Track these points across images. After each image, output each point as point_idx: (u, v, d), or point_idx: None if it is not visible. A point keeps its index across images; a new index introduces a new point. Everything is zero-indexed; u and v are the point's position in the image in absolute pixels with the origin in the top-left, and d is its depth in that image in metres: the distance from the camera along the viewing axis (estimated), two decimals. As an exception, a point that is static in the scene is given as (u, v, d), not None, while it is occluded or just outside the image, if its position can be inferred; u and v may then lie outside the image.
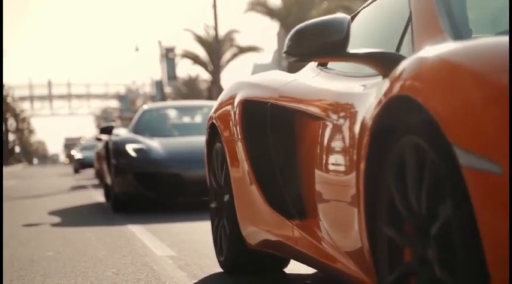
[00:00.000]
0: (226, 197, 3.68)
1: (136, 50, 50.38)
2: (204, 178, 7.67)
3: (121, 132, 9.39)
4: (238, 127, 3.43)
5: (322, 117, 2.74)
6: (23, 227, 7.11)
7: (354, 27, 2.80)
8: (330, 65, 3.19)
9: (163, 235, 5.80)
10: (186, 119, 10.37)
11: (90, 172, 27.69)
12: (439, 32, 2.36)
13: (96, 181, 18.37)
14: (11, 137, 72.97)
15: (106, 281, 3.86)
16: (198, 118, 10.20)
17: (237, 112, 3.47)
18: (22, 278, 4.08)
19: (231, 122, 3.53)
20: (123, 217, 7.76)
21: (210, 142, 4.04)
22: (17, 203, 11.29)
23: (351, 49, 2.48)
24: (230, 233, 3.64)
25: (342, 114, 2.57)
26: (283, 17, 35.86)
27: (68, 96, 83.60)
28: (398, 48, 2.63)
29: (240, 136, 3.42)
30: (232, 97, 3.62)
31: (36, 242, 5.73)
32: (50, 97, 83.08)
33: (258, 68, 72.12)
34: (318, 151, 2.74)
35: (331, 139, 2.64)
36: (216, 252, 3.98)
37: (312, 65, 3.34)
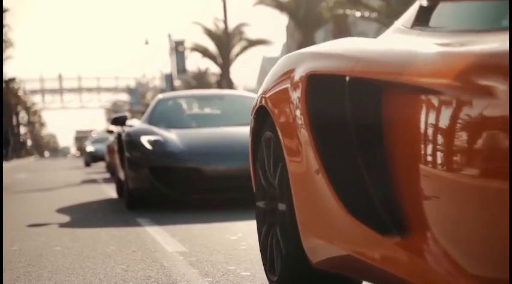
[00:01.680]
0: (282, 201, 2.84)
1: (146, 43, 50.31)
2: (226, 173, 7.44)
3: (135, 123, 8.84)
4: (301, 110, 2.55)
5: (435, 93, 1.92)
6: (32, 221, 7.01)
7: None
8: (434, 21, 2.44)
9: (173, 230, 5.70)
10: (205, 109, 9.63)
11: (101, 165, 27.65)
12: None
13: (107, 175, 18.30)
14: (23, 130, 73.12)
15: (115, 278, 3.75)
16: (217, 109, 9.47)
17: (300, 90, 2.58)
18: (29, 274, 3.98)
19: (290, 104, 2.65)
20: (132, 211, 7.65)
21: (256, 131, 3.23)
22: (26, 196, 11.21)
23: None
24: (287, 246, 2.76)
25: (474, 85, 1.79)
26: (292, 10, 35.68)
27: (79, 90, 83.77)
28: None
29: (304, 122, 2.52)
30: (291, 72, 2.73)
31: (45, 237, 5.63)
32: (60, 90, 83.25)
33: (267, 61, 72.11)
34: (428, 140, 1.94)
35: (453, 123, 1.85)
36: (264, 268, 3.11)
37: (401, 27, 2.60)
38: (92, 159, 30.04)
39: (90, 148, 30.82)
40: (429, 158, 1.93)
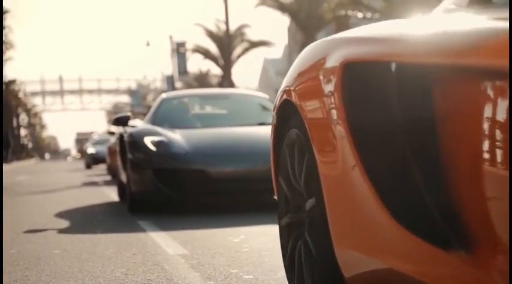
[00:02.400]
0: (310, 202, 2.45)
1: (148, 44, 50.25)
2: (233, 175, 7.17)
3: (137, 123, 8.45)
4: (337, 104, 2.16)
5: (505, 79, 1.59)
6: (31, 224, 6.92)
7: None
8: None
9: (174, 233, 5.60)
10: (210, 109, 9.27)
11: (101, 167, 27.55)
12: None
13: (108, 177, 18.19)
14: (23, 132, 73.08)
15: (115, 281, 3.66)
16: (223, 108, 9.11)
17: (335, 81, 2.19)
18: (27, 278, 3.88)
19: (323, 97, 2.27)
20: (133, 212, 7.55)
21: (280, 129, 2.81)
22: (26, 199, 11.12)
23: None
24: (317, 257, 2.40)
25: None
26: (294, 11, 35.62)
27: (79, 91, 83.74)
28: None
29: (340, 117, 2.13)
30: (322, 61, 2.34)
31: (44, 240, 5.54)
32: (61, 92, 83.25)
33: (268, 63, 72.03)
34: (495, 136, 1.62)
35: None
36: None
37: (453, 6, 2.24)
38: (93, 161, 29.66)
39: (91, 150, 30.36)
40: (498, 157, 1.59)
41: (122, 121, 8.43)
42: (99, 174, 21.75)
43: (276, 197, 2.94)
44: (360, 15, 25.16)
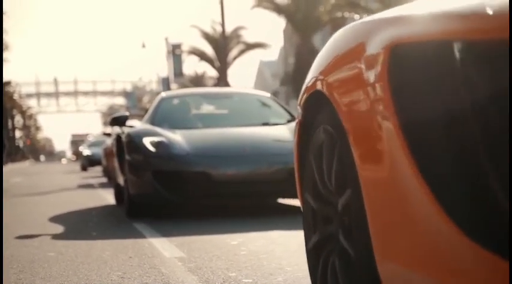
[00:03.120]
0: (343, 200, 2.11)
1: (143, 46, 50.16)
2: (236, 177, 6.86)
3: (136, 124, 8.11)
4: (383, 93, 1.82)
5: None
6: (26, 226, 6.83)
7: None
8: None
9: (171, 235, 5.51)
10: (212, 108, 8.81)
11: (97, 169, 27.40)
12: None
13: (103, 179, 18.06)
14: (18, 134, 72.90)
15: (111, 285, 3.58)
16: (225, 108, 8.65)
17: (380, 68, 1.84)
18: (21, 281, 3.80)
19: (364, 86, 1.91)
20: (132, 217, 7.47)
21: (306, 125, 2.40)
22: (20, 201, 11.03)
23: None
24: (358, 269, 2.01)
25: None
26: (290, 13, 35.60)
27: (75, 93, 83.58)
28: None
29: (388, 110, 1.79)
30: (362, 46, 1.98)
31: (38, 242, 5.45)
32: (56, 94, 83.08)
33: (264, 65, 72.00)
34: None
35: None
36: None
37: None
38: (88, 162, 29.29)
39: (86, 151, 29.95)
40: None
41: (119, 121, 8.08)
42: (95, 176, 21.65)
43: (301, 209, 2.54)
44: (356, 16, 25.11)
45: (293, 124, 7.38)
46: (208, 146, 7.02)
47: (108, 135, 17.33)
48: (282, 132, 7.32)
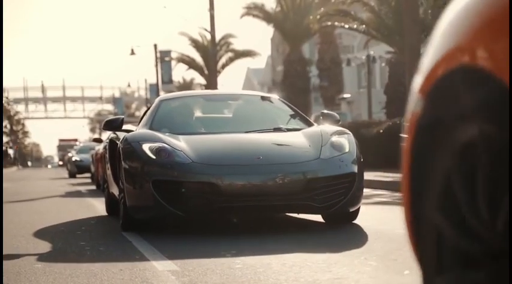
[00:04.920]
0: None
1: (132, 53, 49.91)
2: (246, 189, 6.07)
3: (132, 128, 7.52)
4: None
5: None
6: (10, 236, 6.64)
7: None
8: None
9: (163, 246, 5.33)
10: (215, 112, 8.07)
11: (87, 175, 27.06)
12: None
13: (92, 187, 17.75)
14: (5, 139, 72.45)
15: (101, 301, 3.42)
16: (231, 111, 7.86)
17: None
18: (7, 295, 3.63)
19: None
20: (117, 223, 7.27)
21: (432, 124, 1.57)
22: (6, 208, 10.81)
23: None
24: None
25: None
26: (280, 22, 35.55)
27: (63, 99, 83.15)
28: None
29: None
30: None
31: (25, 253, 5.27)
32: (44, 99, 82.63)
33: (251, 73, 71.96)
34: None
35: None
36: None
37: None
38: (77, 169, 28.15)
39: (75, 157, 28.77)
40: None
41: (114, 125, 7.38)
42: (82, 183, 21.41)
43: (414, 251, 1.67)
44: (346, 26, 25.04)
45: (311, 129, 6.87)
46: (215, 154, 6.23)
47: (98, 140, 17.10)
48: (298, 139, 6.55)
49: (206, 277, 3.99)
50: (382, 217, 7.05)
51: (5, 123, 71.83)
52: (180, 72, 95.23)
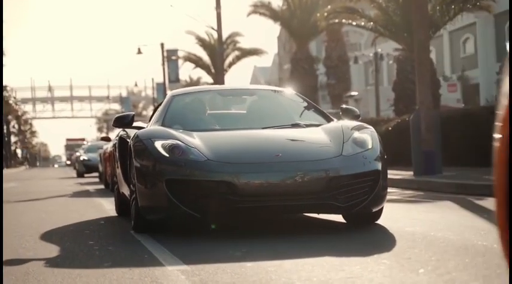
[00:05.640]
0: None
1: (139, 52, 49.92)
2: (266, 188, 5.71)
3: (144, 125, 7.24)
4: None
5: None
6: (19, 235, 6.59)
7: None
8: None
9: (173, 245, 5.26)
10: (230, 107, 7.78)
11: (95, 174, 27.02)
12: None
13: (101, 186, 17.69)
14: (13, 139, 72.59)
15: (111, 301, 3.35)
16: (247, 107, 7.51)
17: None
18: (15, 296, 3.57)
19: None
20: (127, 223, 7.22)
21: None
22: (13, 207, 10.78)
23: None
24: None
25: None
26: (287, 19, 35.45)
27: (70, 98, 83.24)
28: None
29: None
30: None
31: (33, 252, 5.22)
32: (51, 99, 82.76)
33: (258, 71, 71.89)
34: None
35: None
36: None
37: None
38: (85, 168, 27.94)
39: (83, 156, 28.48)
40: None
41: (124, 121, 7.03)
42: (91, 182, 21.38)
43: None
44: (354, 23, 24.92)
45: (331, 125, 6.56)
46: (232, 151, 5.86)
47: (107, 139, 17.02)
48: (318, 135, 6.24)
49: (217, 276, 3.92)
50: (393, 215, 6.96)
51: (13, 123, 71.93)
52: (187, 71, 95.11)
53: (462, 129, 15.49)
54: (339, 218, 6.55)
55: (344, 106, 7.33)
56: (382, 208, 6.20)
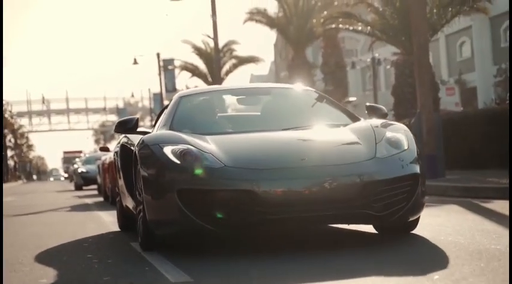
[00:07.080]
0: None
1: (135, 63, 49.84)
2: (290, 197, 5.04)
3: (148, 130, 6.62)
4: None
5: None
6: (15, 249, 6.41)
7: None
8: None
9: (175, 256, 5.06)
10: (244, 108, 7.06)
11: (93, 186, 26.78)
12: None
13: (100, 199, 17.43)
14: (10, 153, 72.41)
15: (111, 317, 3.18)
16: (263, 108, 6.76)
17: None
18: (10, 314, 3.40)
19: None
20: (126, 235, 7.04)
21: None
22: (11, 221, 10.60)
23: None
24: None
25: None
26: (283, 26, 35.42)
27: (67, 111, 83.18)
28: None
29: None
30: None
31: (30, 267, 5.04)
32: (48, 112, 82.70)
33: (255, 79, 71.84)
34: None
35: None
36: None
37: None
38: (84, 181, 27.18)
39: (81, 169, 27.63)
40: None
41: (127, 126, 6.34)
42: (89, 195, 21.19)
43: None
44: (350, 28, 24.82)
45: (359, 124, 5.87)
46: (251, 156, 5.19)
47: (105, 149, 16.71)
48: (346, 135, 5.57)
49: (222, 288, 3.75)
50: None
51: (9, 137, 71.76)
52: (183, 80, 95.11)
53: (462, 132, 15.37)
54: (365, 228, 5.96)
55: (369, 104, 6.60)
56: (419, 217, 5.55)
